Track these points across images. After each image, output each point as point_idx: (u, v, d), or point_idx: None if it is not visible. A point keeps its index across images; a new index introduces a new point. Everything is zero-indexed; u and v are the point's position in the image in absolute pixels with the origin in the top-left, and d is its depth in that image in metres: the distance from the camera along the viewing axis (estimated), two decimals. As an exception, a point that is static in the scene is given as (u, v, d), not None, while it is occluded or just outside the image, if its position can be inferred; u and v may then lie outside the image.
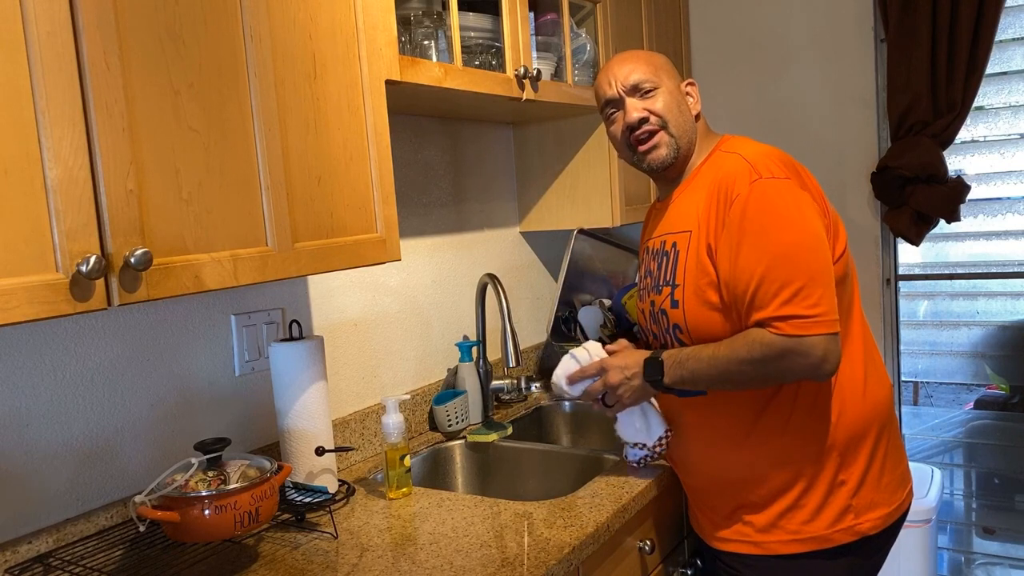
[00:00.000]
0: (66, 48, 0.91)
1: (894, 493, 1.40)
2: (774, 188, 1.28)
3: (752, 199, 1.28)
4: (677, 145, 1.42)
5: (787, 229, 1.26)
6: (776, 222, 1.26)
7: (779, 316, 1.23)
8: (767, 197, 1.28)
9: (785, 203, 1.28)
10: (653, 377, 1.39)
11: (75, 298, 0.92)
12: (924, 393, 3.32)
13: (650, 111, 1.41)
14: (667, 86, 1.43)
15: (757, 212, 1.27)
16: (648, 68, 1.43)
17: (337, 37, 1.30)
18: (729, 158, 1.37)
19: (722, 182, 1.33)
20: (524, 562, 1.20)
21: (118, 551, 1.25)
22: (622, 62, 1.44)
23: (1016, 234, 2.45)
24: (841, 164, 2.50)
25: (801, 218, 1.27)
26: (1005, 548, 2.74)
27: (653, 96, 1.41)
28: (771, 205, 1.27)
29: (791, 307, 1.23)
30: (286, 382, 1.46)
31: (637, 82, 1.41)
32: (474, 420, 2.00)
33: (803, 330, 1.23)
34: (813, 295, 1.23)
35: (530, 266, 2.44)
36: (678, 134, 1.42)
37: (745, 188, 1.29)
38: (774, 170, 1.31)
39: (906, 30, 2.26)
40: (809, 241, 1.26)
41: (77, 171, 0.92)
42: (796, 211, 1.27)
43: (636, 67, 1.42)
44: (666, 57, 1.49)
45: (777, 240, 1.26)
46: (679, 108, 1.43)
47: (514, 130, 2.37)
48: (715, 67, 2.66)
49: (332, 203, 1.29)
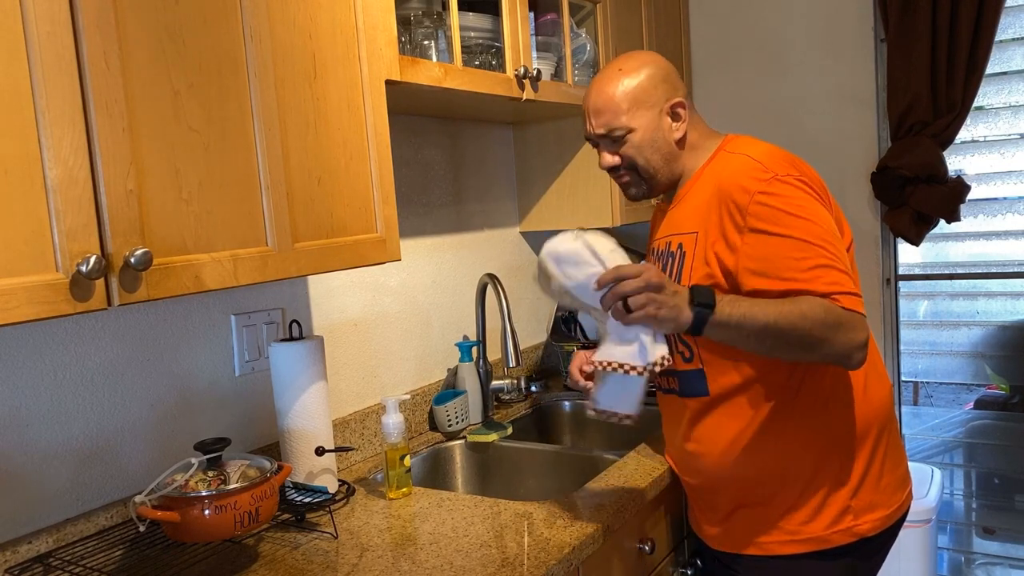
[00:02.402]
0: (66, 48, 0.91)
1: (893, 495, 1.40)
2: (791, 185, 1.29)
3: (772, 194, 1.28)
4: (649, 184, 1.45)
5: (813, 220, 1.27)
6: (801, 212, 1.27)
7: (831, 292, 1.23)
8: (786, 192, 1.28)
9: (803, 198, 1.29)
10: (704, 301, 1.19)
11: (75, 298, 0.92)
12: (924, 393, 3.32)
13: (621, 157, 1.42)
14: (641, 124, 1.39)
15: (781, 205, 1.27)
16: (619, 111, 1.38)
17: (337, 37, 1.30)
18: (735, 158, 1.37)
19: (729, 182, 1.32)
20: (524, 562, 1.20)
21: (118, 551, 1.25)
22: (598, 96, 1.41)
23: (1016, 234, 2.45)
24: (841, 164, 2.49)
25: (820, 213, 1.29)
26: (1005, 548, 2.74)
27: (625, 142, 1.41)
28: (792, 199, 1.28)
29: (839, 287, 1.23)
30: (286, 382, 1.46)
31: (606, 132, 1.41)
32: (474, 420, 2.00)
33: (859, 307, 1.23)
34: (850, 279, 1.25)
35: (530, 266, 2.44)
36: (649, 174, 1.43)
37: (760, 184, 1.29)
38: (787, 169, 1.31)
39: (906, 30, 2.26)
40: (831, 234, 1.28)
41: (77, 171, 0.92)
42: (814, 206, 1.29)
43: (606, 112, 1.39)
44: (655, 68, 1.41)
45: (807, 229, 1.26)
46: (653, 146, 1.41)
47: (514, 130, 2.37)
48: (715, 67, 2.66)
49: (332, 203, 1.29)
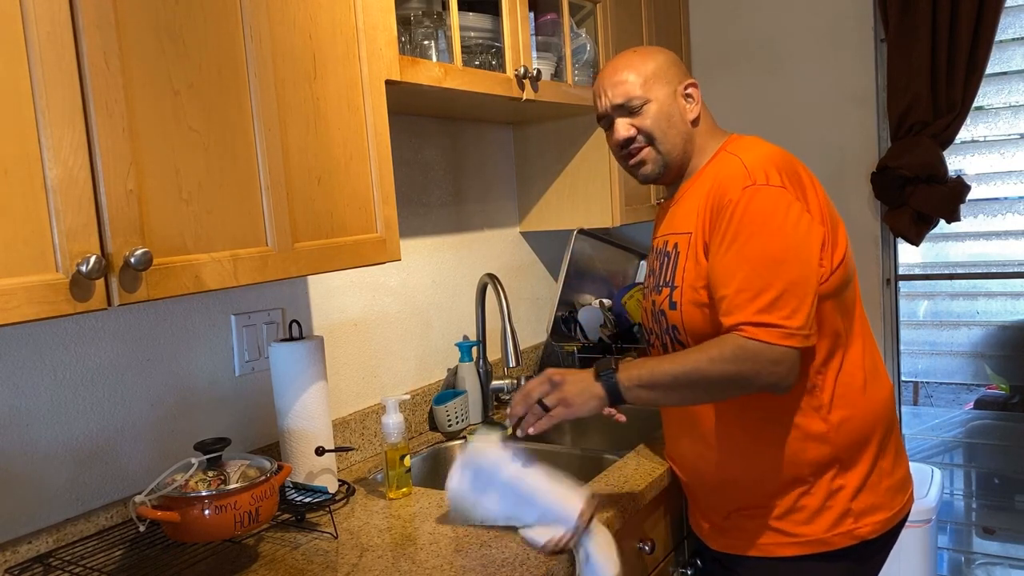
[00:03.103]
0: (66, 48, 0.91)
1: (894, 497, 1.40)
2: (765, 195, 1.27)
3: (741, 204, 1.27)
4: (665, 160, 1.42)
5: (772, 237, 1.25)
6: (762, 229, 1.25)
7: (754, 322, 1.22)
8: (756, 204, 1.26)
9: (774, 211, 1.26)
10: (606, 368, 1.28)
11: (75, 298, 0.92)
12: (924, 393, 3.33)
13: (637, 128, 1.40)
14: (658, 97, 1.40)
15: (745, 218, 1.26)
16: (638, 81, 1.40)
17: (337, 37, 1.30)
18: (730, 161, 1.36)
19: (718, 185, 1.33)
20: (524, 562, 1.20)
21: (118, 551, 1.25)
22: (613, 72, 1.42)
23: (1016, 234, 2.45)
24: (841, 164, 2.50)
25: (788, 227, 1.25)
26: (1005, 548, 2.74)
27: (641, 113, 1.40)
28: (759, 212, 1.26)
29: (767, 315, 1.21)
30: (286, 382, 1.46)
31: (624, 101, 1.40)
32: (474, 420, 2.00)
33: (777, 339, 1.21)
34: (789, 305, 1.22)
35: (530, 266, 2.44)
36: (666, 149, 1.41)
37: (737, 193, 1.28)
38: (770, 176, 1.29)
39: (906, 30, 2.26)
40: (793, 251, 1.24)
41: (77, 171, 0.92)
42: (784, 220, 1.26)
43: (624, 83, 1.40)
44: (666, 55, 1.45)
45: (761, 247, 1.24)
46: (669, 121, 1.40)
47: (514, 130, 2.37)
48: (715, 67, 2.66)
49: (332, 203, 1.29)
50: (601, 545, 1.22)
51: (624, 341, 2.28)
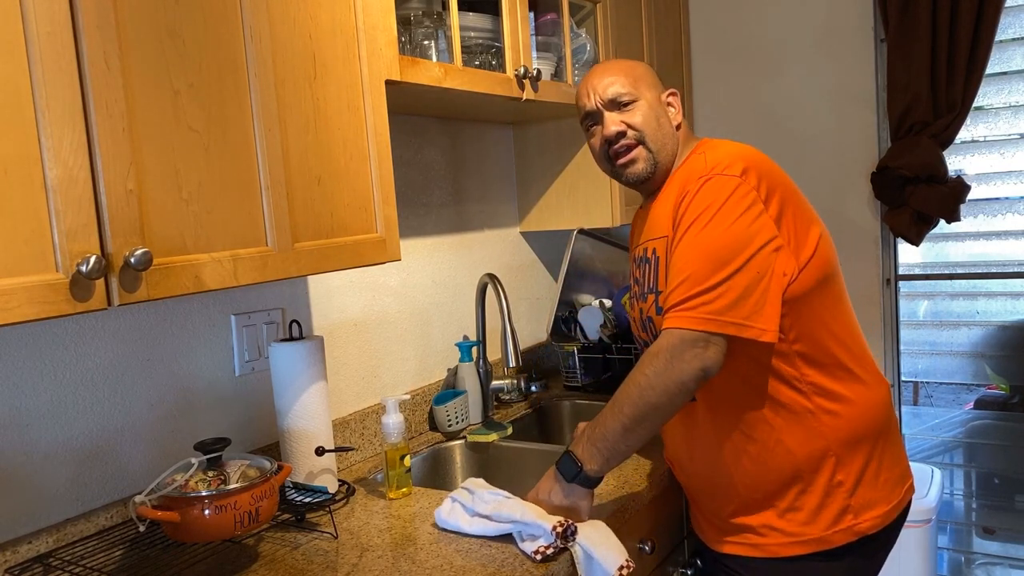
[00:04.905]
0: (66, 48, 0.91)
1: (892, 490, 1.39)
2: (718, 184, 1.28)
3: (692, 194, 1.29)
4: (655, 160, 1.43)
5: (717, 225, 1.25)
6: (709, 217, 1.26)
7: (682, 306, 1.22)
8: (707, 193, 1.28)
9: (723, 198, 1.26)
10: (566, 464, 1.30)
11: (75, 298, 0.92)
12: (924, 393, 3.32)
13: (628, 124, 1.41)
14: (646, 98, 1.42)
15: (695, 207, 1.28)
16: (627, 80, 1.42)
17: (337, 37, 1.30)
18: (697, 159, 1.38)
19: (683, 184, 1.34)
20: (524, 562, 1.20)
21: (118, 551, 1.25)
22: (602, 74, 1.44)
23: (1016, 234, 2.45)
24: (841, 164, 2.50)
25: (736, 215, 1.25)
26: (1005, 548, 2.74)
27: (632, 109, 1.41)
28: (709, 200, 1.27)
29: (697, 301, 1.22)
30: (286, 382, 1.46)
31: (615, 95, 1.41)
32: (474, 420, 2.00)
33: (693, 325, 1.21)
34: (724, 296, 1.22)
35: (530, 266, 2.44)
36: (656, 148, 1.42)
37: (695, 184, 1.30)
38: (728, 167, 1.29)
39: (906, 30, 2.26)
40: (737, 240, 1.24)
41: (77, 171, 0.92)
42: (733, 207, 1.26)
43: (615, 79, 1.42)
44: (647, 66, 1.49)
45: (706, 236, 1.25)
46: (658, 121, 1.42)
47: (514, 130, 2.37)
48: (715, 67, 2.66)
49: (332, 203, 1.29)
50: (596, 540, 1.24)
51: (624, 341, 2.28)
